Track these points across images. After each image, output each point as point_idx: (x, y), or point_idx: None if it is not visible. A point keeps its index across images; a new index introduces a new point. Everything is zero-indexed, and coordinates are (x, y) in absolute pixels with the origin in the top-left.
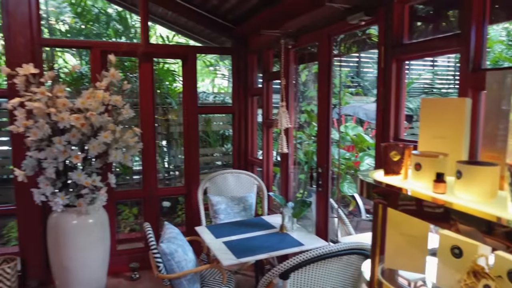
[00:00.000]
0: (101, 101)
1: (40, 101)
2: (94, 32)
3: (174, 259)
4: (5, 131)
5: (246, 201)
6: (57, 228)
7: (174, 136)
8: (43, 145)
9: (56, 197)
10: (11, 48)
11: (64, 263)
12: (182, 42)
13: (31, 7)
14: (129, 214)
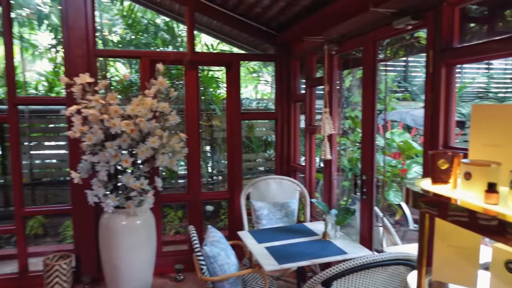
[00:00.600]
0: (149, 108)
1: (94, 108)
2: (143, 42)
3: (217, 262)
4: (63, 136)
5: (288, 207)
6: (108, 228)
7: (218, 141)
8: (97, 149)
9: (108, 199)
10: (70, 60)
11: (114, 261)
12: (226, 49)
13: (88, 21)
14: (174, 217)
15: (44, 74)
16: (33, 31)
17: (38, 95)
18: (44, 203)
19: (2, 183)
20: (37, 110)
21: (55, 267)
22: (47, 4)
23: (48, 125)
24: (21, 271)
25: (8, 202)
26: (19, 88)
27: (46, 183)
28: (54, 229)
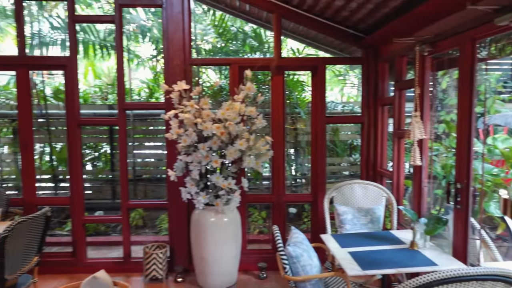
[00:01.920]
0: (238, 112)
1: (189, 113)
2: (232, 49)
3: (300, 263)
4: (160, 138)
5: (373, 213)
6: (198, 223)
7: (302, 144)
8: (190, 150)
9: (199, 196)
10: (169, 69)
11: (203, 255)
12: (311, 53)
13: (185, 33)
14: (258, 217)
15: (145, 81)
16: (137, 43)
17: (140, 100)
18: (143, 198)
19: (111, 178)
20: (139, 114)
21: (153, 255)
22: (150, 19)
23: (148, 128)
24: (125, 256)
25: (114, 195)
26: (126, 94)
27: (145, 180)
28: (151, 221)
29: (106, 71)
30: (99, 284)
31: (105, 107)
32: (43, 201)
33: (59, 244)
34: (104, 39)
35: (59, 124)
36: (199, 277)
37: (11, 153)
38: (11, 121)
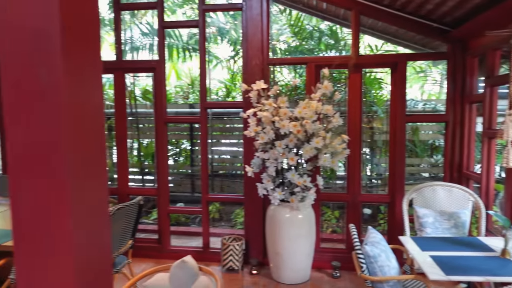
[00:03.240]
0: (314, 110)
1: (267, 111)
2: (307, 48)
3: (377, 263)
4: (236, 135)
5: (458, 217)
6: (273, 218)
7: (378, 144)
8: (267, 147)
9: (275, 192)
10: (247, 69)
11: (277, 249)
12: (390, 50)
13: (263, 34)
14: (331, 216)
15: (223, 81)
16: (216, 45)
17: (218, 99)
18: (219, 192)
19: (190, 173)
20: (216, 112)
21: (230, 247)
22: (228, 21)
23: (225, 126)
24: (204, 246)
25: (193, 189)
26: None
27: (222, 175)
28: (227, 215)
29: (187, 72)
30: (187, 268)
31: (186, 106)
32: (134, 191)
33: (146, 231)
34: (187, 42)
35: (146, 122)
36: (273, 270)
37: (105, 148)
38: (107, 119)
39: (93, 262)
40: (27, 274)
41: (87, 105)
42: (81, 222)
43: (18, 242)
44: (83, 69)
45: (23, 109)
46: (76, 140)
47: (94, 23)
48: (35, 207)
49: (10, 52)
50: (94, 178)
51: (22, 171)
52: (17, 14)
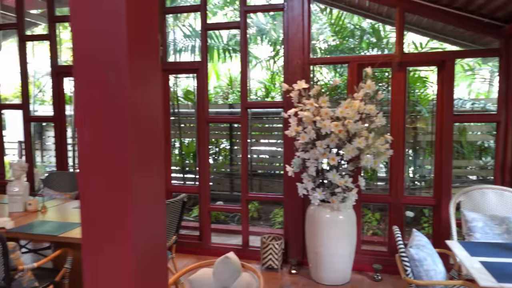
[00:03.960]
0: (357, 110)
1: (308, 111)
2: (347, 47)
3: (423, 267)
4: (274, 135)
5: (510, 222)
6: (313, 218)
7: (422, 145)
8: (308, 147)
9: (315, 192)
10: (289, 69)
11: (317, 249)
12: (435, 47)
13: (304, 33)
14: (372, 218)
15: (262, 81)
16: (256, 45)
17: (257, 99)
18: (258, 191)
19: (229, 172)
20: (255, 112)
21: (269, 246)
22: (269, 22)
23: (264, 125)
24: (244, 244)
25: (232, 188)
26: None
27: (260, 175)
28: (265, 215)
29: (227, 73)
30: (230, 264)
31: (225, 106)
32: (176, 189)
33: (187, 228)
34: (227, 44)
35: (187, 122)
36: (313, 271)
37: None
38: None
39: (150, 250)
40: (93, 260)
41: (149, 106)
42: (140, 215)
43: (86, 232)
44: (146, 72)
45: (92, 111)
46: (138, 139)
47: (154, 29)
48: (100, 201)
49: (81, 57)
50: (153, 174)
51: (90, 169)
52: (88, 21)
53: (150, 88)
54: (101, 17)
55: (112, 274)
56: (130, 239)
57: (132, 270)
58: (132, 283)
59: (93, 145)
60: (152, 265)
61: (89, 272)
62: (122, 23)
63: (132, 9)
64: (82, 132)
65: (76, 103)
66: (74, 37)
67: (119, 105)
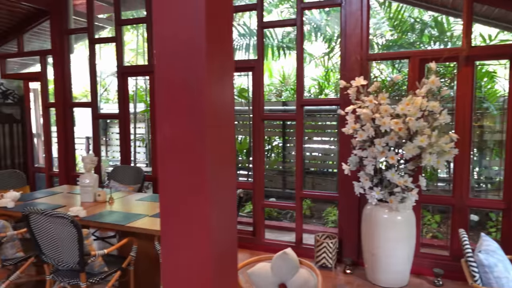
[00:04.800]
0: (419, 107)
1: (367, 108)
2: (406, 41)
3: (493, 273)
4: (328, 133)
5: None
6: (370, 218)
7: (488, 144)
8: (366, 145)
9: (372, 192)
10: (346, 65)
11: (374, 250)
12: (506, 39)
13: (363, 28)
14: (431, 220)
15: (316, 79)
16: (310, 42)
17: (310, 97)
18: (310, 189)
19: (281, 169)
20: (308, 110)
21: (324, 244)
22: (324, 18)
23: (317, 123)
24: (297, 241)
25: (285, 185)
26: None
27: (313, 173)
28: (318, 213)
29: (280, 70)
30: (288, 259)
31: (279, 104)
32: None
33: (241, 223)
34: (281, 41)
35: (240, 119)
36: (368, 271)
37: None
38: None
39: (224, 241)
40: (170, 250)
41: (224, 104)
42: (216, 207)
43: (164, 222)
44: (222, 71)
45: (172, 105)
46: (214, 132)
47: (229, 30)
48: (178, 193)
49: (163, 57)
50: (226, 167)
51: (169, 162)
52: (172, 26)
53: (226, 86)
54: (182, 19)
55: (190, 265)
56: (207, 231)
57: (209, 261)
58: (209, 273)
59: (172, 140)
60: (226, 255)
61: (167, 263)
62: (201, 24)
63: (210, 11)
64: (162, 126)
65: (157, 100)
66: (156, 37)
67: (198, 102)
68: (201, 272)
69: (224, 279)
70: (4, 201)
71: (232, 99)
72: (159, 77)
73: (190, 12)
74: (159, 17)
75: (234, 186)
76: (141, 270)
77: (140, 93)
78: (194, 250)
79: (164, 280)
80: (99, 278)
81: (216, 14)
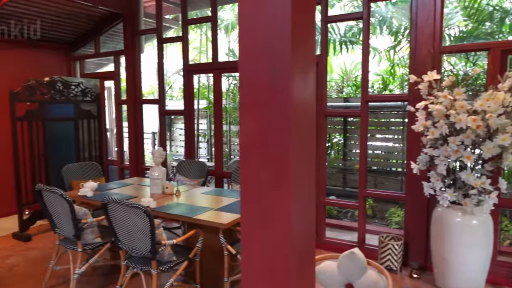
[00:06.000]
0: (500, 103)
1: (441, 104)
2: (483, 31)
3: None
4: (392, 130)
5: None
6: (441, 221)
7: None
8: (438, 143)
9: (444, 193)
10: (416, 58)
11: (444, 255)
12: None
13: (436, 19)
14: (509, 226)
15: (379, 74)
16: (375, 36)
17: (374, 93)
18: (372, 188)
19: (341, 167)
20: (371, 106)
21: (388, 246)
22: (390, 10)
23: (379, 120)
24: (360, 241)
25: (345, 183)
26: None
27: (375, 171)
28: (380, 213)
29: (341, 66)
30: (356, 259)
31: (340, 100)
32: None
33: None
34: (344, 35)
35: None
36: (438, 277)
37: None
38: None
39: (304, 235)
40: (250, 245)
41: (306, 98)
42: (298, 201)
43: (245, 216)
44: (305, 68)
45: (255, 102)
46: (297, 128)
47: (312, 27)
48: (260, 188)
49: (247, 51)
50: (307, 162)
51: (251, 157)
52: (255, 20)
53: (308, 82)
54: (267, 15)
55: (271, 260)
56: (291, 225)
57: (290, 255)
58: (291, 267)
59: (255, 135)
60: (306, 250)
61: (247, 258)
62: (287, 21)
63: (295, 7)
64: (245, 122)
65: (241, 96)
66: (240, 34)
67: (282, 99)
68: (282, 267)
69: (303, 275)
70: (84, 191)
71: (314, 95)
72: (243, 74)
73: (275, 8)
74: (243, 9)
75: (313, 181)
76: (205, 261)
77: (202, 90)
78: (276, 244)
79: (243, 274)
80: (168, 267)
81: (301, 10)
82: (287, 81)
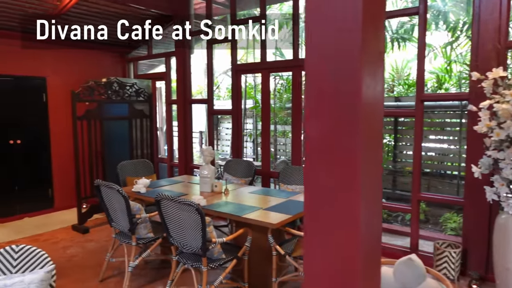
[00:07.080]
0: None
1: (508, 103)
2: None
3: None
4: (446, 131)
5: None
6: (505, 229)
7: None
8: (504, 146)
9: (510, 199)
10: (478, 55)
11: (508, 265)
12: None
13: (502, 12)
14: None
15: (434, 71)
16: (430, 32)
17: (427, 91)
18: (425, 192)
19: (391, 169)
20: (424, 106)
21: (445, 253)
22: (447, 4)
23: (433, 120)
24: (412, 247)
25: (395, 186)
26: (412, 86)
27: (428, 174)
28: (433, 218)
29: (393, 63)
30: (414, 266)
31: (391, 99)
32: None
33: None
34: (396, 32)
35: None
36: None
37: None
38: None
39: (371, 236)
40: (314, 248)
41: (375, 98)
42: (366, 203)
43: (309, 217)
44: (374, 68)
45: (322, 103)
46: (365, 129)
47: (381, 21)
48: (327, 190)
49: (315, 47)
50: (375, 162)
51: (317, 159)
52: (324, 18)
53: (378, 81)
54: (337, 13)
55: (336, 263)
56: (358, 227)
57: (359, 256)
58: (359, 269)
59: (321, 138)
60: (373, 251)
61: (311, 260)
62: (357, 19)
63: (366, 6)
64: (310, 124)
65: (306, 98)
66: (307, 33)
67: (351, 100)
68: (348, 271)
69: (370, 277)
70: (138, 187)
71: (383, 94)
72: (309, 74)
73: (346, 7)
74: (311, 5)
75: (380, 182)
76: (253, 261)
77: (249, 90)
78: (343, 247)
79: (306, 277)
80: (217, 264)
81: (371, 8)
82: (356, 80)
